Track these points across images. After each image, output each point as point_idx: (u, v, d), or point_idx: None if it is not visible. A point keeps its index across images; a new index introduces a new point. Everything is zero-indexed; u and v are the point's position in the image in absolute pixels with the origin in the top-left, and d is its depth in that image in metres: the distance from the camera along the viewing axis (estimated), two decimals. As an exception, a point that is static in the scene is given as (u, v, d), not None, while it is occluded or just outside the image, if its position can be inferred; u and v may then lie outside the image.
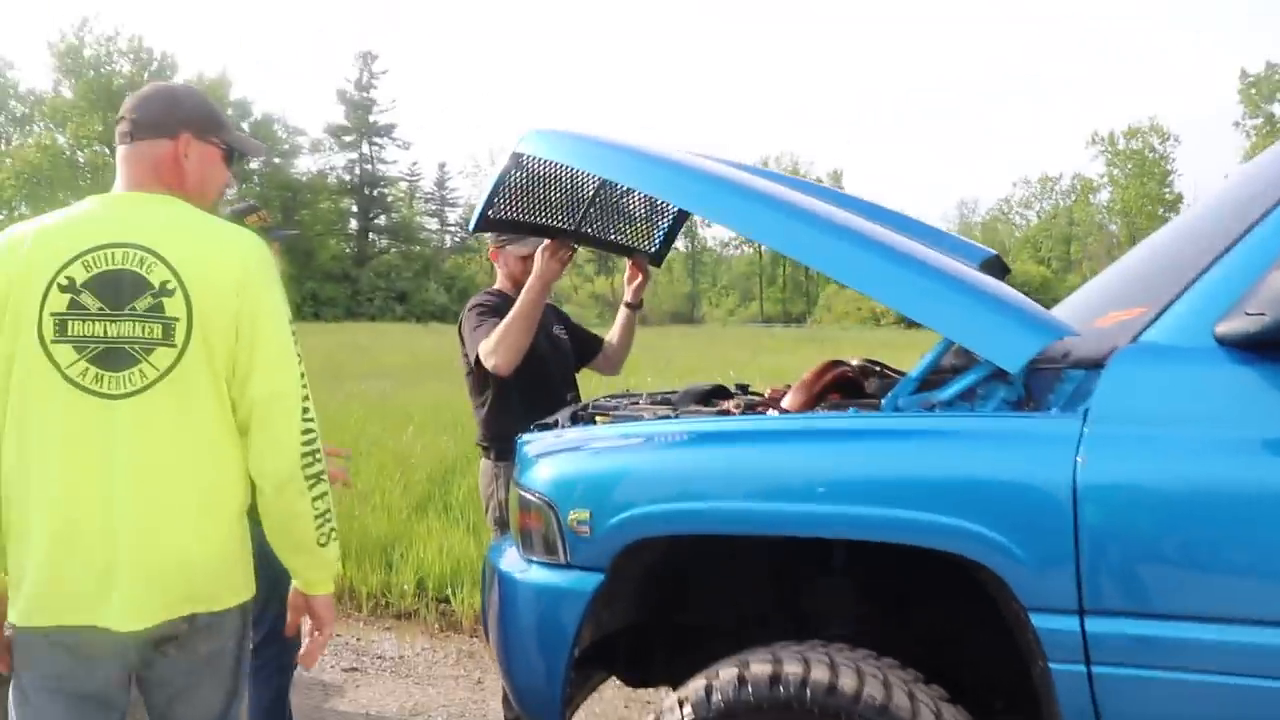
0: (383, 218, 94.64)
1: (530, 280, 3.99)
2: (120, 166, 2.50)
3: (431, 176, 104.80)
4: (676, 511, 2.72)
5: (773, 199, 2.90)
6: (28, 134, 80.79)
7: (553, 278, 3.99)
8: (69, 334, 2.26)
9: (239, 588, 2.46)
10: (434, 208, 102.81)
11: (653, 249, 4.53)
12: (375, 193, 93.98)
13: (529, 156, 3.52)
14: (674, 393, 3.83)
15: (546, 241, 3.97)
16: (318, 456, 2.39)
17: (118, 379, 2.26)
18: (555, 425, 3.34)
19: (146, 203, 2.42)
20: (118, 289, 2.28)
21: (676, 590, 3.20)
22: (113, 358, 2.27)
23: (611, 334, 4.79)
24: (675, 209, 4.35)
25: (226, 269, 2.34)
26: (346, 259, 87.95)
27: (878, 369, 3.71)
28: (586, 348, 4.77)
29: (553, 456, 3.07)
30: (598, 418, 3.29)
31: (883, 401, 2.74)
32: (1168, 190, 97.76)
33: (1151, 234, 3.60)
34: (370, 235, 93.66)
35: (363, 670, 6.03)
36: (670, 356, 30.10)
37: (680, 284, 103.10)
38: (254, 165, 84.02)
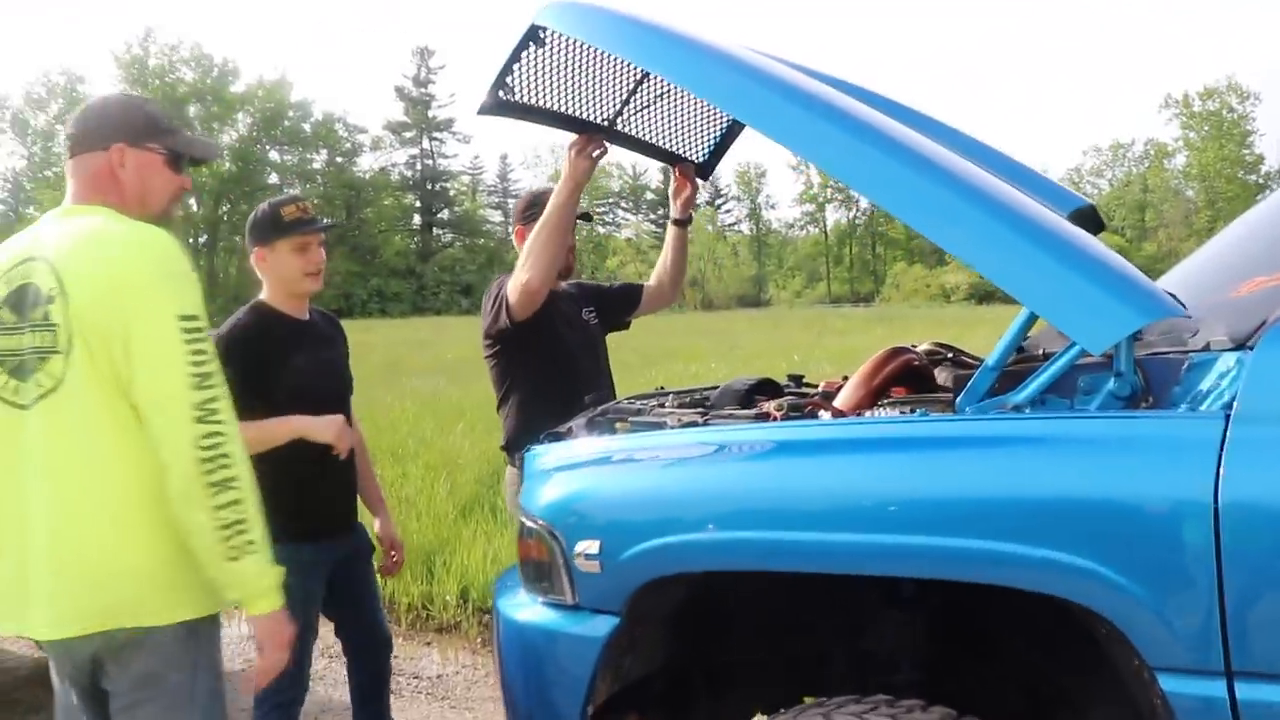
0: (445, 212, 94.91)
1: (559, 183, 3.57)
2: (68, 182, 2.51)
3: (494, 169, 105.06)
4: (702, 544, 2.21)
5: (840, 117, 2.34)
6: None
7: (582, 178, 3.57)
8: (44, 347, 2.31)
9: (169, 605, 2.32)
10: (497, 200, 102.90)
11: (700, 158, 4.00)
12: (437, 187, 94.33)
13: (552, 32, 2.98)
14: (713, 389, 3.32)
15: (574, 136, 3.51)
16: (223, 463, 2.25)
17: (25, 388, 2.30)
18: (569, 433, 2.84)
19: (71, 215, 2.43)
20: (21, 301, 2.33)
21: (716, 625, 2.69)
22: (22, 368, 2.31)
23: (660, 260, 4.36)
24: (728, 117, 3.80)
25: (105, 270, 2.28)
26: (411, 254, 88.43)
27: (949, 355, 3.16)
28: (626, 301, 4.37)
29: (558, 473, 2.58)
30: (617, 424, 2.79)
31: (956, 400, 2.19)
32: (1248, 152, 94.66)
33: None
34: (433, 230, 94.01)
35: (397, 692, 5.57)
36: (735, 340, 29.67)
37: (746, 267, 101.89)
38: (316, 165, 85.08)
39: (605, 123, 3.53)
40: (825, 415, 2.54)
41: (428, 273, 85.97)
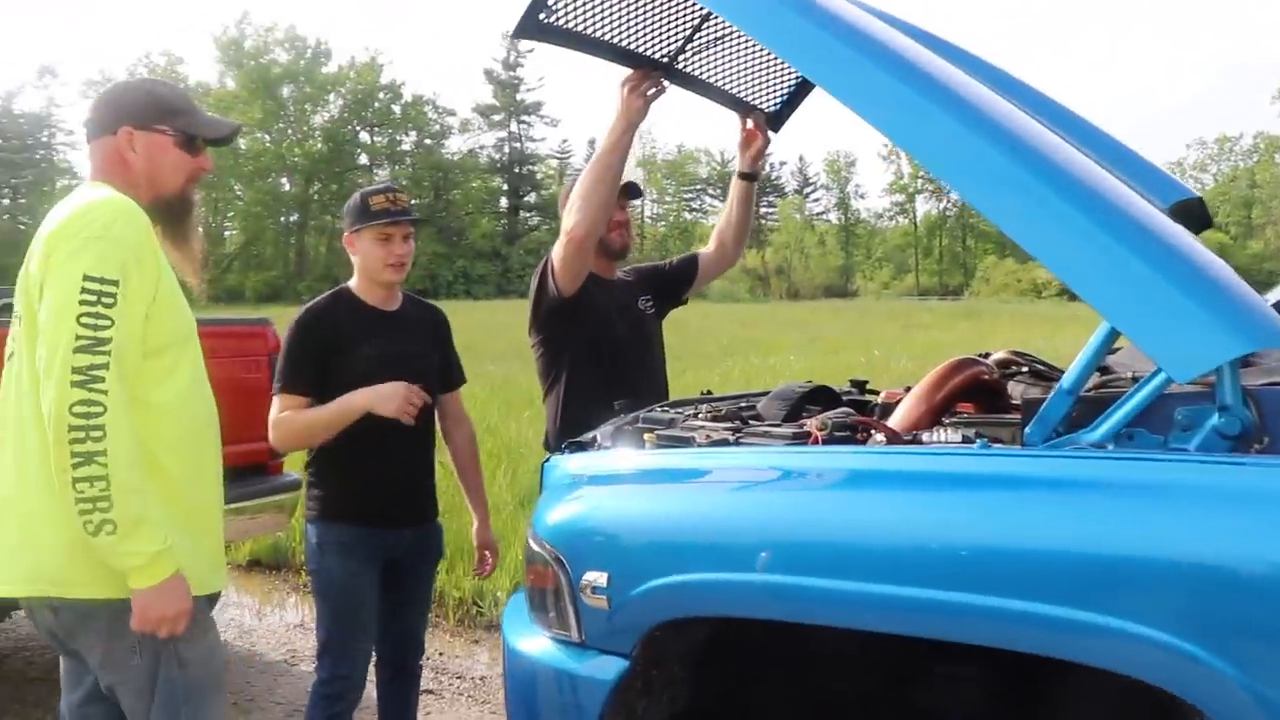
0: (532, 195, 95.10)
1: (612, 123, 3.30)
2: None
3: (582, 153, 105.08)
4: (719, 586, 1.93)
5: (931, 87, 2.01)
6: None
7: (636, 118, 3.28)
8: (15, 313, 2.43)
9: (94, 581, 2.28)
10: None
11: (772, 108, 3.67)
12: (524, 170, 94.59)
13: None
14: (762, 395, 3.01)
15: (629, 72, 3.22)
16: (94, 435, 2.16)
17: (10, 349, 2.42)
18: (592, 443, 2.56)
19: (75, 191, 2.47)
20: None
21: (746, 665, 2.39)
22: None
23: (724, 216, 4.06)
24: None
25: (47, 232, 2.31)
26: (497, 237, 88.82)
27: (1024, 367, 2.82)
28: (684, 276, 4.09)
29: (571, 489, 2.30)
30: (645, 436, 2.49)
31: (1025, 430, 1.85)
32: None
33: None
34: (520, 213, 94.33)
35: (438, 693, 5.37)
36: (817, 332, 29.18)
37: (833, 256, 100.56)
38: (406, 147, 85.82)
39: (665, 59, 3.22)
40: (876, 437, 2.22)
41: (513, 255, 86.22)
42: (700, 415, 2.60)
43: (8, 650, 5.65)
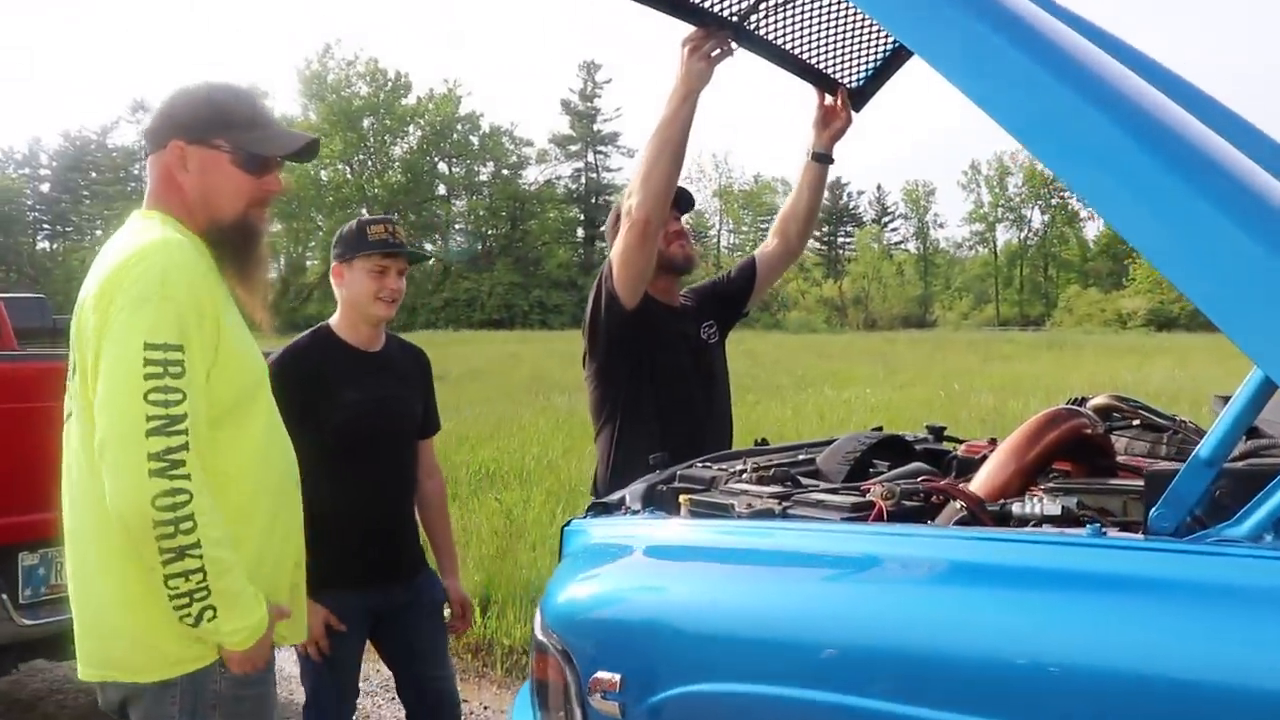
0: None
1: (672, 90, 2.91)
2: None
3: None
4: (755, 701, 1.51)
5: (1075, 72, 1.59)
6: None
7: (697, 83, 2.89)
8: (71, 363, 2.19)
9: (155, 664, 2.10)
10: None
11: (855, 83, 3.26)
12: (601, 201, 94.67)
13: None
14: (825, 444, 2.63)
15: (690, 30, 2.85)
16: (183, 527, 1.94)
17: (69, 403, 2.19)
18: (619, 506, 2.19)
19: (130, 221, 2.25)
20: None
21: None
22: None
23: (790, 202, 3.64)
24: (892, 36, 3.06)
25: (95, 286, 2.06)
26: (573, 267, 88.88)
27: (1134, 416, 2.40)
28: (743, 286, 3.70)
29: (587, 565, 1.93)
30: (681, 499, 2.12)
31: (1149, 512, 1.43)
32: None
33: None
34: (596, 243, 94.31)
35: (486, 749, 5.02)
36: (894, 363, 28.51)
37: (911, 286, 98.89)
38: (483, 177, 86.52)
39: (734, 18, 2.84)
40: (955, 506, 1.82)
41: (589, 285, 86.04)
42: (747, 474, 2.20)
43: (42, 693, 5.47)
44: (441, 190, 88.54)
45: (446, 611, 3.47)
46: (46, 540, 4.09)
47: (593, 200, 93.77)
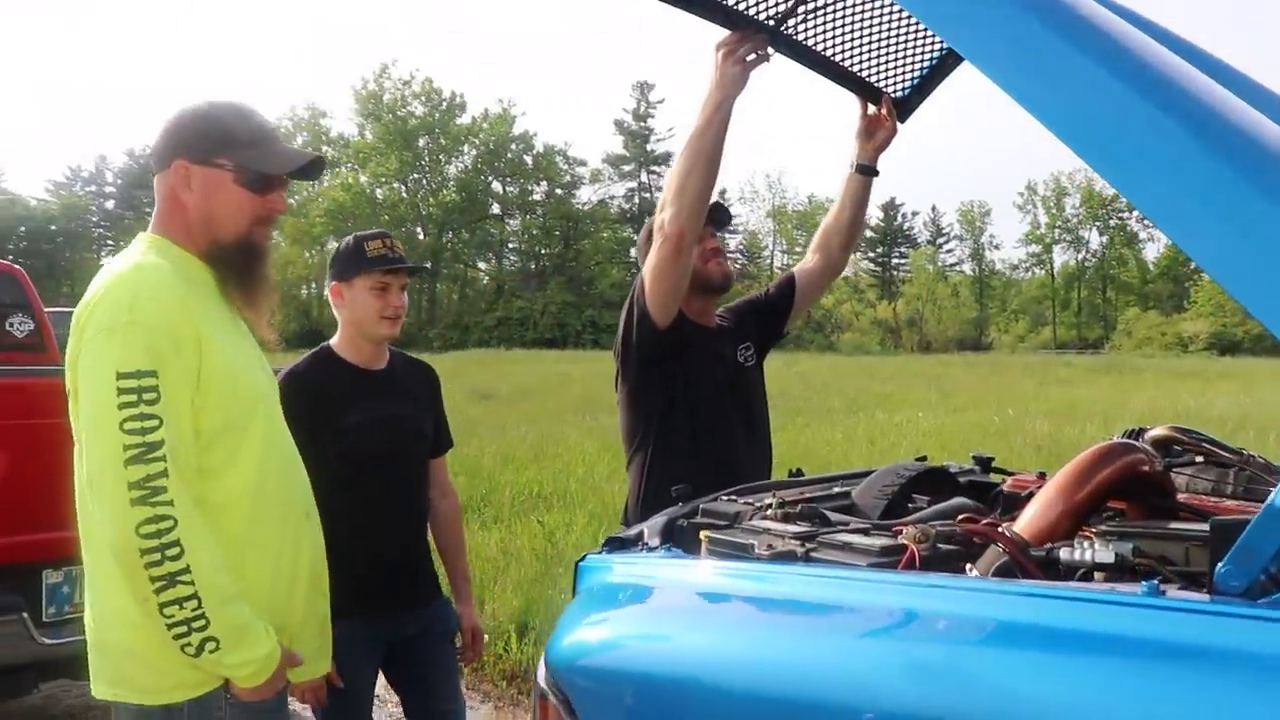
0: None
1: (705, 97, 2.76)
2: None
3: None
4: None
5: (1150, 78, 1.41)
6: (335, 176, 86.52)
7: (732, 89, 2.74)
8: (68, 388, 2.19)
9: (159, 689, 2.08)
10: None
11: (900, 92, 3.09)
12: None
13: None
14: (863, 476, 2.47)
15: (725, 34, 2.70)
16: (170, 553, 1.93)
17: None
18: (637, 542, 2.05)
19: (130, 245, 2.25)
20: None
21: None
22: None
23: (832, 214, 3.48)
24: (940, 43, 2.88)
25: (76, 315, 2.07)
26: (626, 287, 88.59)
27: (1196, 452, 2.22)
28: (780, 304, 3.52)
29: (595, 608, 1.78)
30: (703, 534, 1.97)
31: (1216, 567, 1.26)
32: None
33: None
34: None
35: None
36: (948, 386, 28.12)
37: (967, 308, 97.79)
38: (537, 197, 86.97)
39: (771, 21, 2.69)
40: (994, 551, 1.65)
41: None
42: (772, 510, 2.05)
43: (76, 709, 5.42)
44: (496, 209, 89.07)
45: (458, 639, 3.36)
46: (70, 558, 4.00)
47: (646, 220, 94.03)
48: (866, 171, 3.29)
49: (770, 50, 2.74)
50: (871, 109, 3.16)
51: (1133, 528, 1.75)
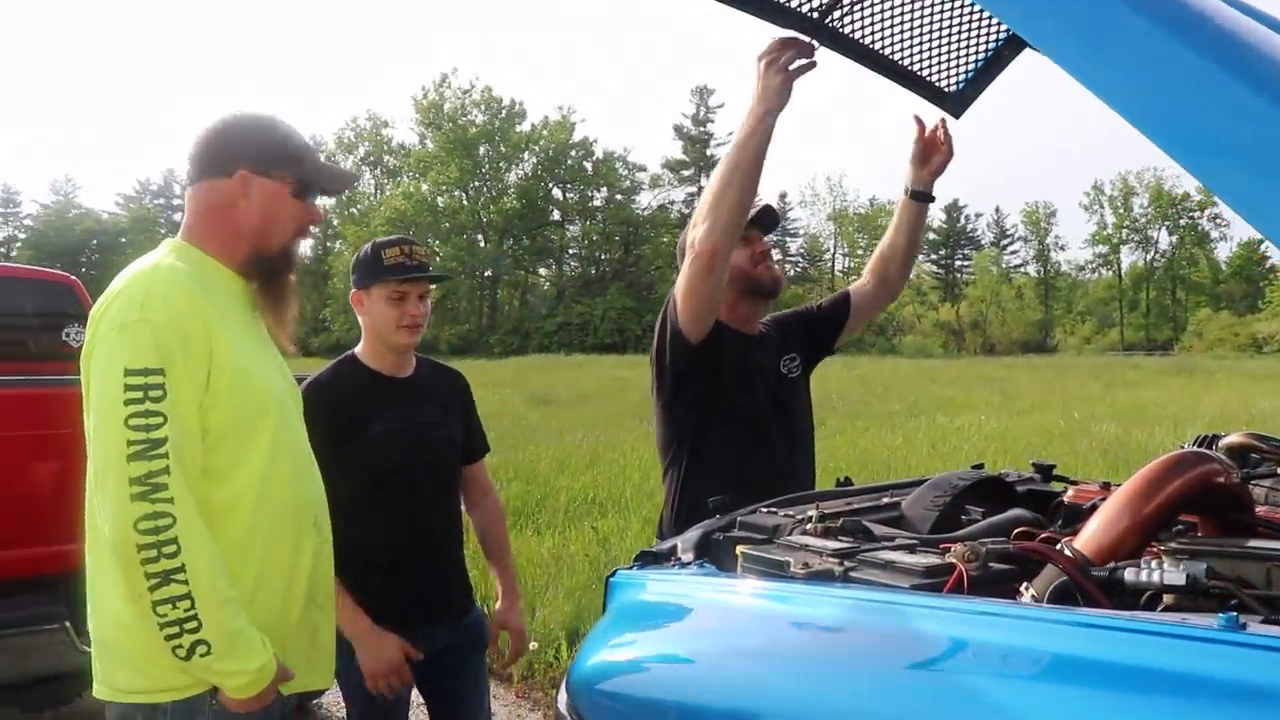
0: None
1: (749, 110, 2.61)
2: None
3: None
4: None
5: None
6: (397, 185, 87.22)
7: (775, 101, 2.59)
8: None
9: (158, 686, 2.05)
10: (774, 239, 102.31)
11: (955, 86, 2.87)
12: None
13: None
14: (916, 484, 2.34)
15: (772, 40, 2.55)
16: (166, 550, 1.93)
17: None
18: (671, 557, 1.93)
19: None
20: None
21: None
22: None
23: (887, 239, 3.32)
24: (998, 28, 2.67)
25: (96, 309, 2.10)
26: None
27: (1275, 461, 2.05)
28: (832, 320, 3.39)
29: (625, 626, 1.67)
30: (739, 549, 1.84)
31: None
32: None
33: None
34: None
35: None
36: (1012, 389, 27.64)
37: (1031, 310, 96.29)
38: (597, 203, 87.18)
39: (816, 14, 2.53)
40: (1051, 570, 1.51)
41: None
42: (812, 523, 1.91)
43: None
44: (556, 215, 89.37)
45: (502, 641, 3.27)
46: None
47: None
48: (921, 198, 3.16)
49: (815, 54, 2.59)
50: (927, 131, 3.02)
51: (1206, 545, 1.60)
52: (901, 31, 2.66)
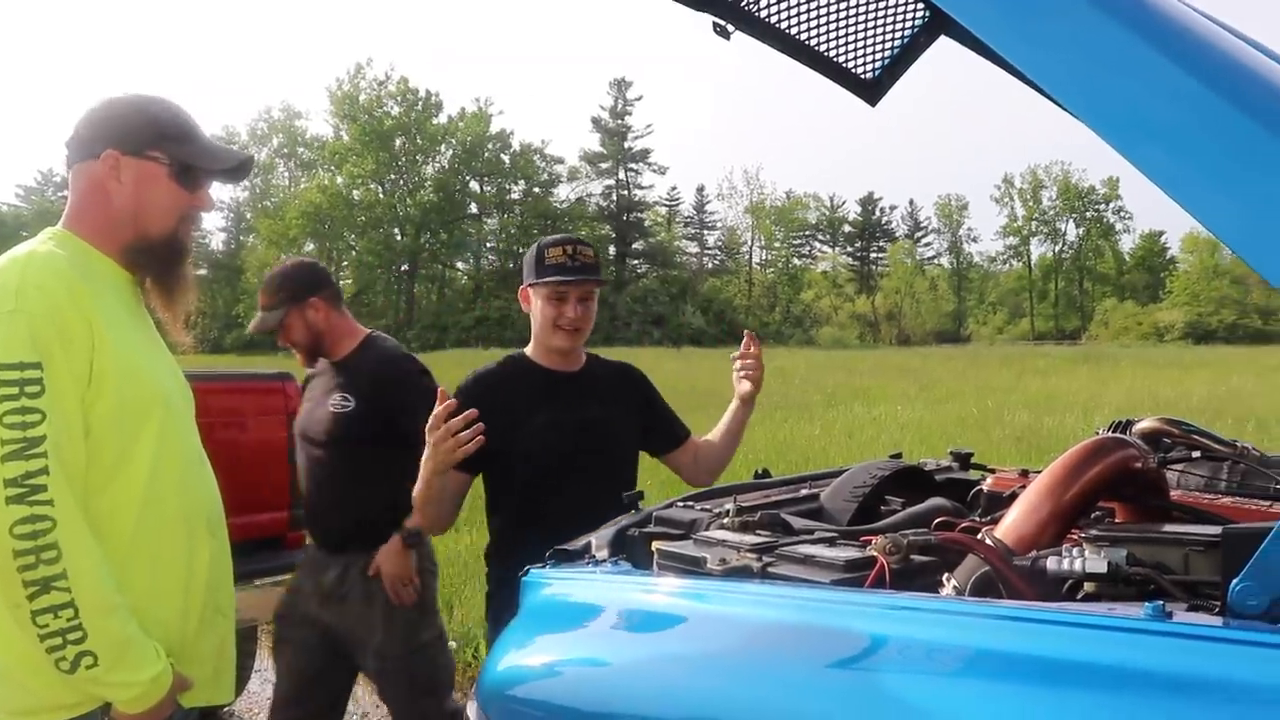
0: (640, 243, 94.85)
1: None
2: None
3: (690, 200, 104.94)
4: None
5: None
6: (312, 177, 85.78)
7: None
8: None
9: (42, 706, 1.93)
10: (693, 231, 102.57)
11: (870, 73, 2.79)
12: (632, 218, 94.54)
13: None
14: (835, 475, 2.31)
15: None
16: (45, 556, 1.79)
17: None
18: (586, 554, 1.87)
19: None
20: None
21: None
22: None
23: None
24: (915, 14, 2.59)
25: None
26: (606, 285, 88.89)
27: (1189, 445, 2.05)
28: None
29: (534, 627, 1.60)
30: (654, 545, 1.79)
31: (1230, 584, 1.08)
32: None
33: None
34: (627, 260, 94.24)
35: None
36: (927, 379, 28.03)
37: (945, 301, 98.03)
38: (515, 196, 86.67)
39: None
40: (973, 560, 1.48)
41: (620, 303, 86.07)
42: (729, 515, 1.86)
43: None
44: (473, 209, 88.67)
45: None
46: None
47: (624, 217, 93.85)
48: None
49: (729, 27, 2.53)
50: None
51: (1125, 531, 1.58)
52: (818, 16, 2.61)
